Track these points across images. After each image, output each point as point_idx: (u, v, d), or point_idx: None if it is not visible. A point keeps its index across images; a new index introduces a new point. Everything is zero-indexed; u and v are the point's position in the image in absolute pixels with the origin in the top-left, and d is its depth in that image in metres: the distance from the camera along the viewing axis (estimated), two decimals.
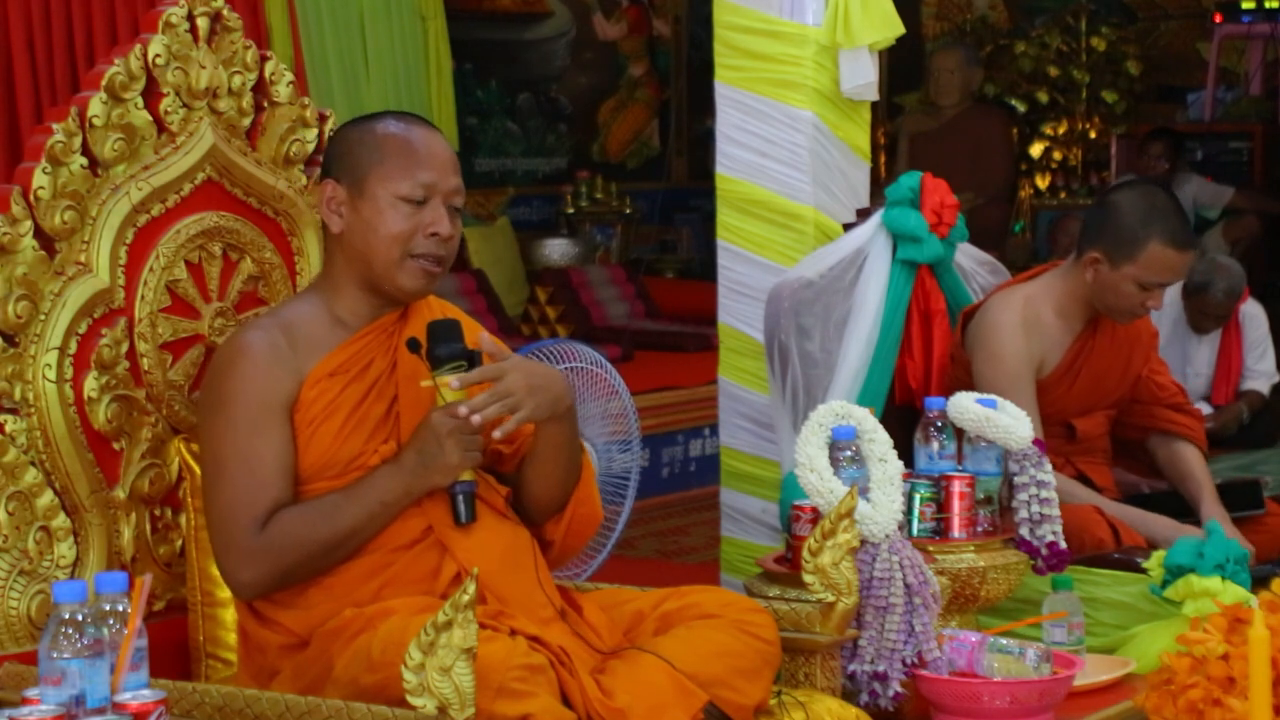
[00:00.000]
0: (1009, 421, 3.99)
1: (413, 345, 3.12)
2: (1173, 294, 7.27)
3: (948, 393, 4.25)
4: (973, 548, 3.96)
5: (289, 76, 3.55)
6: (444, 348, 3.10)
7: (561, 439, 3.23)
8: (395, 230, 3.17)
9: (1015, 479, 4.02)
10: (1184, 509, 4.64)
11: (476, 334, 3.32)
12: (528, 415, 3.12)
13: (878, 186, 5.19)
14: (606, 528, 5.46)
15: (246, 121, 3.48)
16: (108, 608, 2.56)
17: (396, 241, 3.17)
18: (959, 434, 4.03)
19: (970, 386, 4.42)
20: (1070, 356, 4.63)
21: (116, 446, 3.25)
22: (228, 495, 3.09)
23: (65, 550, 3.15)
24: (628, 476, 5.50)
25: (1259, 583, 4.06)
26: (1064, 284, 4.64)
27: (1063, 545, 4.01)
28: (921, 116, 10.02)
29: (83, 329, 3.19)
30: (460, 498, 3.08)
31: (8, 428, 3.09)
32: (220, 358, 3.20)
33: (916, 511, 3.95)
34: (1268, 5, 10.73)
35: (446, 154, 3.25)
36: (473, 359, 3.10)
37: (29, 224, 3.11)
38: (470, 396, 3.09)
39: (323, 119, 3.58)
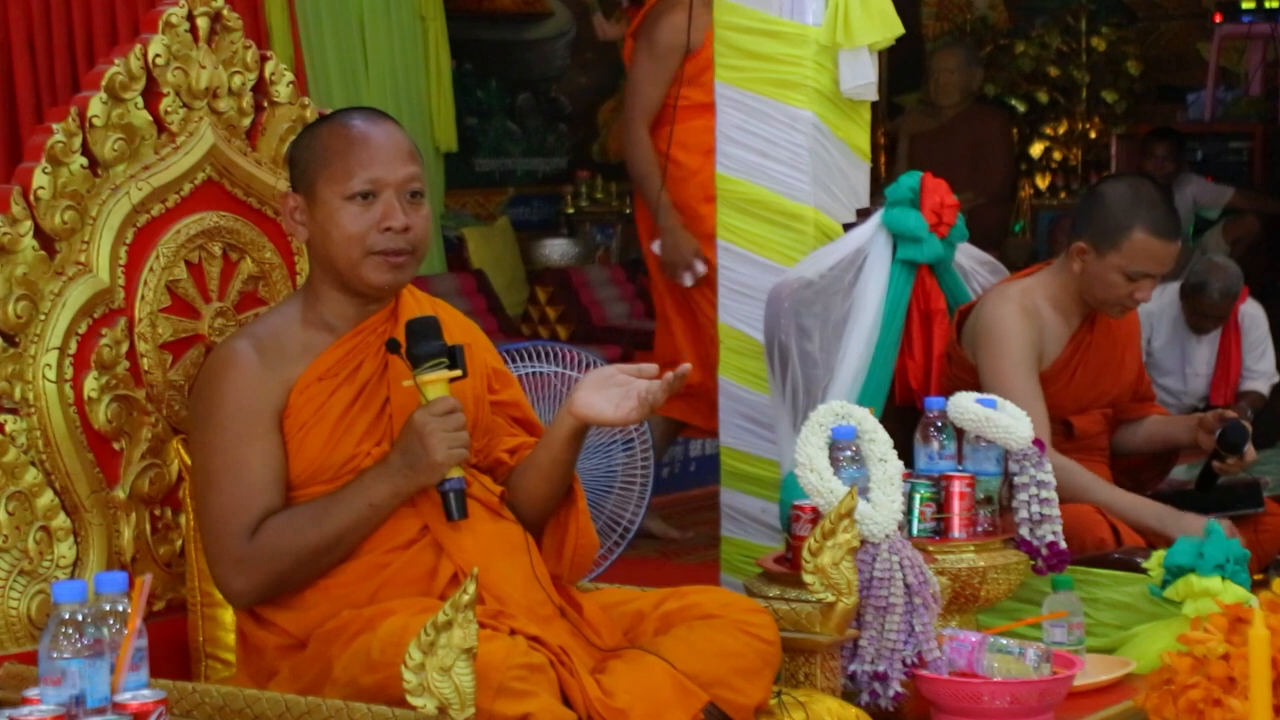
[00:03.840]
0: (1009, 421, 3.99)
1: (392, 346, 3.11)
2: (1172, 294, 7.28)
3: (945, 392, 4.25)
4: (973, 548, 3.96)
5: (289, 76, 3.55)
6: (423, 346, 3.08)
7: (572, 457, 3.24)
8: (349, 231, 3.16)
9: (1015, 479, 4.02)
10: (1184, 508, 4.65)
11: (470, 332, 3.33)
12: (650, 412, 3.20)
13: (878, 186, 5.19)
14: (622, 526, 5.46)
15: (246, 121, 3.48)
16: (108, 608, 2.56)
17: (353, 242, 3.16)
18: (959, 434, 4.03)
19: (967, 384, 4.43)
20: (1069, 351, 4.64)
21: (116, 446, 3.25)
22: (218, 505, 3.09)
23: (65, 550, 3.15)
24: (634, 476, 5.50)
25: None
26: (1058, 279, 4.65)
27: (1063, 545, 4.01)
28: (921, 116, 10.02)
29: (83, 329, 3.19)
30: (450, 495, 3.07)
31: (8, 428, 3.09)
32: (207, 368, 3.20)
33: (916, 511, 3.95)
34: (1268, 5, 10.74)
35: (393, 144, 3.19)
36: (453, 355, 3.09)
37: (29, 224, 3.11)
38: (455, 390, 3.08)
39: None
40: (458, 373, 3.09)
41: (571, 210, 10.54)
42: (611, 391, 3.20)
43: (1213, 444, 4.64)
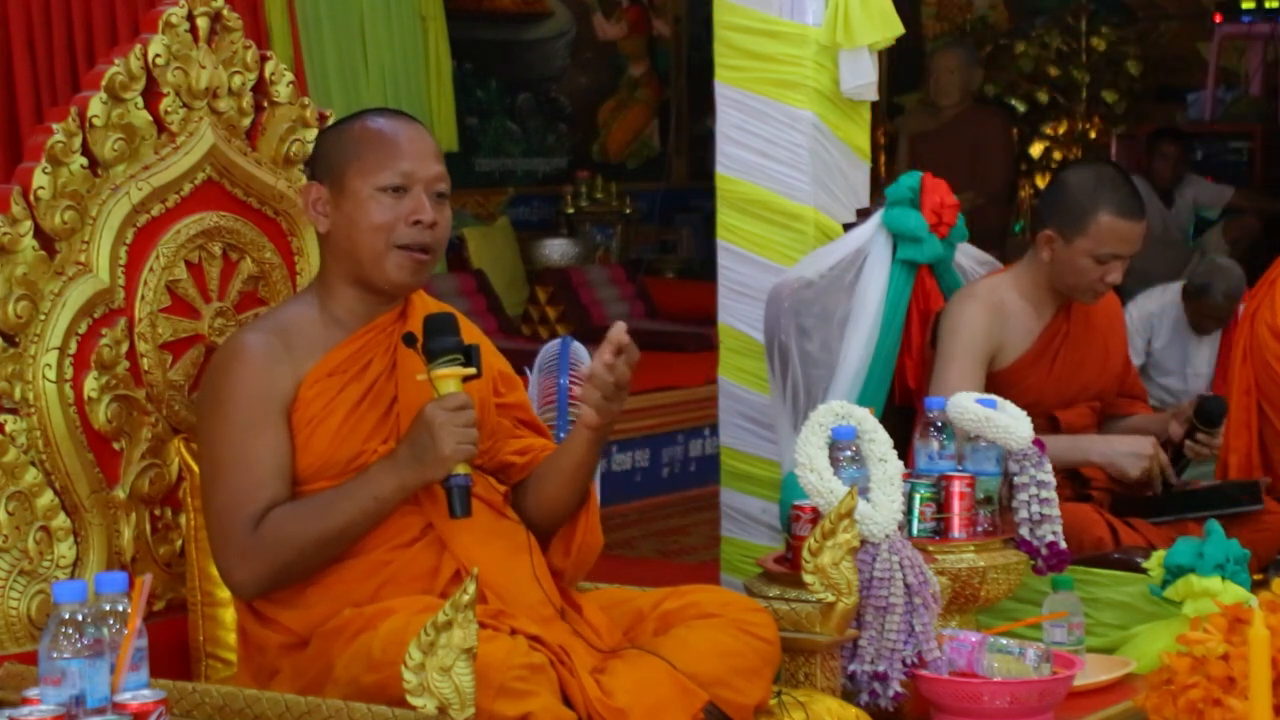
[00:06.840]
0: (1009, 421, 3.99)
1: (408, 339, 3.11)
2: (1174, 295, 7.28)
3: (925, 393, 4.26)
4: (973, 548, 3.96)
5: (289, 76, 3.55)
6: (439, 341, 3.09)
7: (593, 458, 3.24)
8: (377, 221, 3.17)
9: (1015, 479, 4.02)
10: (1184, 507, 4.64)
11: (475, 336, 3.33)
12: (611, 413, 3.15)
13: (878, 186, 5.19)
14: None
15: (246, 121, 3.48)
16: (108, 608, 2.56)
17: (379, 232, 3.17)
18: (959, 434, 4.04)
19: None
20: (1043, 342, 4.64)
21: (116, 446, 3.25)
22: (224, 495, 3.10)
23: (65, 550, 3.15)
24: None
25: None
26: (1029, 270, 4.66)
27: (1063, 545, 4.01)
28: (921, 116, 10.02)
29: (83, 329, 3.19)
30: (454, 491, 3.06)
31: (8, 428, 3.09)
32: (217, 359, 3.20)
33: (916, 511, 3.95)
34: (1268, 5, 10.74)
35: (424, 143, 3.23)
36: (469, 353, 3.10)
37: (29, 224, 3.11)
38: (465, 390, 3.09)
39: (323, 119, 3.58)
40: (472, 370, 3.09)
41: (571, 210, 10.55)
42: (593, 392, 3.19)
43: (1181, 434, 4.63)
